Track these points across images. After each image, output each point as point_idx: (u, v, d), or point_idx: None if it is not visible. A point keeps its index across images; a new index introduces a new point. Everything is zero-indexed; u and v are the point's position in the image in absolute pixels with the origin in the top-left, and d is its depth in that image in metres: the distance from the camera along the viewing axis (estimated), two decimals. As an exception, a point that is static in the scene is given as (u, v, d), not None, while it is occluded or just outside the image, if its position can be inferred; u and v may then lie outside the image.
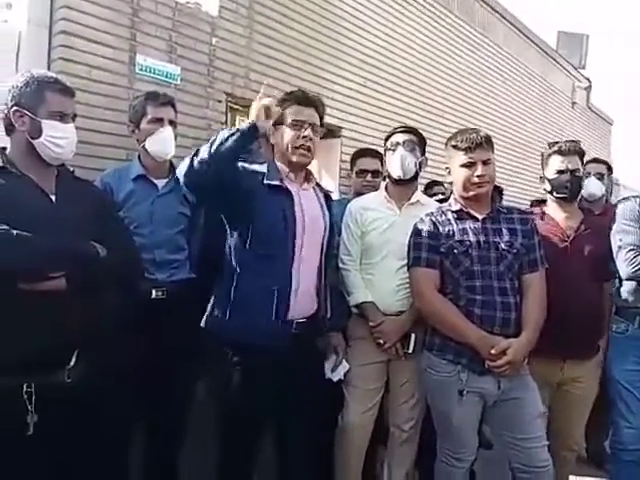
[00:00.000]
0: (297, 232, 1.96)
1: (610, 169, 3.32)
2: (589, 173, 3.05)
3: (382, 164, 2.82)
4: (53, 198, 1.68)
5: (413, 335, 2.30)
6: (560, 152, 2.40)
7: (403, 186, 2.42)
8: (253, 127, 1.79)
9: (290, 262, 1.94)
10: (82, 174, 1.92)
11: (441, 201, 2.57)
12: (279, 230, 1.93)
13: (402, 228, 2.30)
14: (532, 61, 6.42)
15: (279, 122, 2.02)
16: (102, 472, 1.76)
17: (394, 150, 2.39)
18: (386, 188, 2.48)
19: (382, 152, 2.59)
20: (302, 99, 2.04)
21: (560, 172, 2.39)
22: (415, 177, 2.43)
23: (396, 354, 2.32)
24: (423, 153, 2.46)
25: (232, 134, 1.77)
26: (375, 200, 2.46)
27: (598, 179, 3.11)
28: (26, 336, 1.53)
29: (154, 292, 2.19)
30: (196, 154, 1.79)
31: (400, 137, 2.41)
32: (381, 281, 2.35)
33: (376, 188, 2.78)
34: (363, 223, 2.39)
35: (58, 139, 1.65)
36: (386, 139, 2.48)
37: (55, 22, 2.38)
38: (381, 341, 2.30)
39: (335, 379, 2.25)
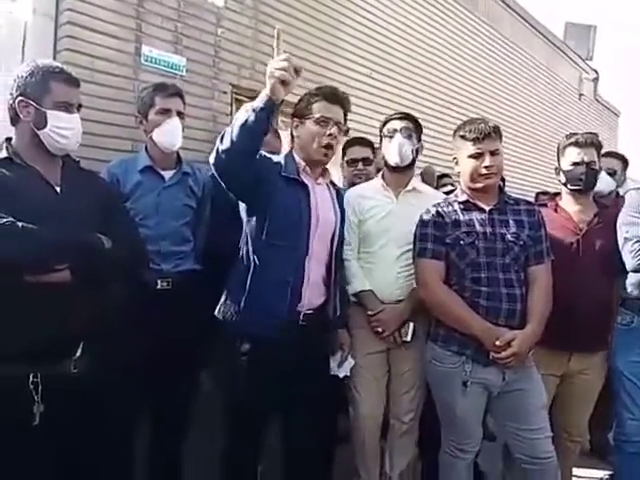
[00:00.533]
0: (311, 225, 1.98)
1: (626, 163, 3.21)
2: (600, 168, 2.98)
3: (373, 152, 2.79)
4: (58, 189, 1.68)
5: (412, 324, 2.31)
6: (577, 144, 2.38)
7: (400, 173, 2.41)
8: (268, 101, 1.71)
9: (304, 255, 1.96)
10: (87, 165, 1.92)
11: (449, 192, 2.56)
12: (294, 222, 1.95)
13: (400, 216, 2.32)
14: (539, 52, 6.37)
15: (305, 116, 2.02)
16: (107, 463, 1.76)
17: (391, 137, 2.38)
18: (382, 176, 2.48)
19: (373, 140, 2.58)
20: (330, 96, 2.03)
21: (576, 164, 2.37)
22: (412, 164, 2.42)
23: (394, 342, 2.32)
24: (419, 140, 2.44)
25: (250, 112, 1.72)
26: (372, 188, 2.45)
27: (609, 174, 3.01)
28: (32, 327, 1.54)
29: (159, 282, 2.20)
30: (221, 138, 1.78)
31: (397, 124, 2.40)
32: (381, 270, 2.35)
33: (368, 176, 2.77)
34: (360, 212, 2.38)
35: (63, 130, 1.64)
36: (382, 125, 2.46)
37: (61, 13, 2.37)
38: (379, 329, 2.31)
39: (341, 375, 2.25)
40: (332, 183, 2.21)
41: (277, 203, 1.94)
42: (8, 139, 1.69)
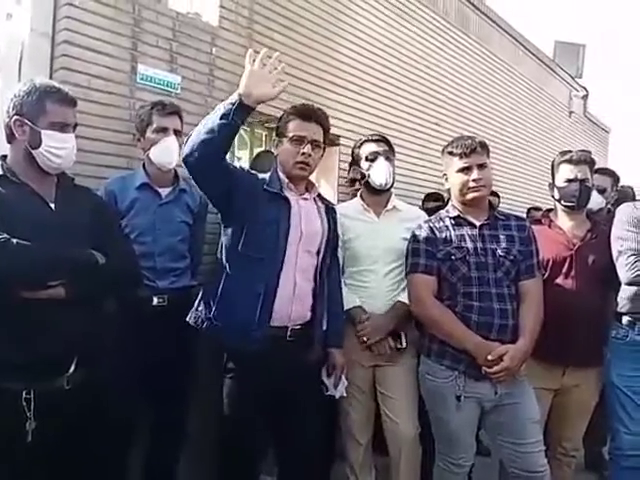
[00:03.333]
0: (291, 239, 1.98)
1: (616, 179, 3.20)
2: (593, 185, 2.93)
3: None
4: (53, 206, 1.69)
5: (403, 333, 2.34)
6: (570, 161, 2.42)
7: (381, 195, 2.46)
8: (238, 102, 1.78)
9: (279, 268, 1.95)
10: (83, 182, 1.92)
11: (437, 209, 2.59)
12: (271, 235, 1.96)
13: (383, 234, 2.38)
14: (529, 70, 6.45)
15: (283, 134, 2.06)
16: (101, 479, 1.76)
17: (374, 160, 2.42)
18: (362, 197, 2.51)
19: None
20: (305, 113, 2.06)
21: (569, 181, 2.40)
22: (392, 184, 2.47)
23: (390, 350, 2.33)
24: (393, 159, 2.50)
25: (220, 113, 1.78)
26: (353, 209, 2.49)
27: (599, 192, 2.96)
28: (25, 343, 1.54)
29: (155, 299, 2.21)
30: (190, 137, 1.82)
31: (377, 147, 2.46)
32: (372, 287, 2.38)
33: None
34: (344, 232, 2.40)
35: (57, 149, 1.65)
36: (358, 147, 2.51)
37: (57, 32, 2.39)
38: (364, 338, 2.32)
39: (337, 396, 2.25)
40: (321, 197, 2.23)
41: (257, 216, 1.96)
42: (3, 157, 1.70)
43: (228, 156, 3.27)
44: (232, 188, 1.94)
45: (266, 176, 2.06)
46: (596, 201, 2.86)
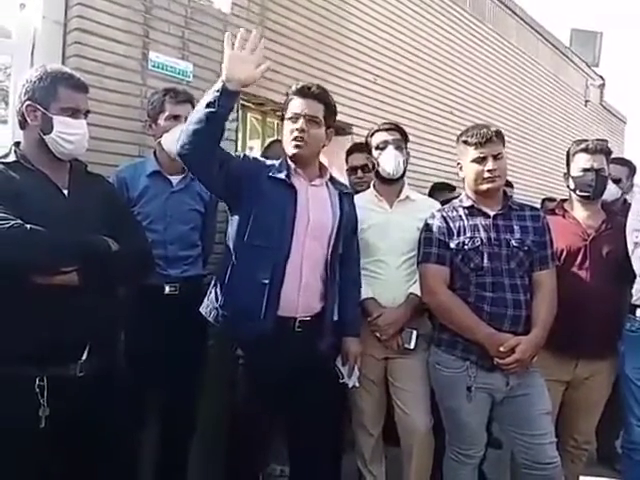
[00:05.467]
0: (297, 228, 1.94)
1: (632, 169, 3.15)
2: (609, 174, 2.88)
3: None
4: (66, 192, 1.69)
5: (414, 332, 2.30)
6: (586, 150, 2.39)
7: (392, 184, 2.43)
8: (222, 88, 1.73)
9: (285, 257, 1.92)
10: (94, 170, 1.92)
11: (444, 202, 2.56)
12: (277, 223, 1.92)
13: (396, 224, 2.35)
14: (545, 59, 6.36)
15: (284, 117, 2.03)
16: (113, 466, 1.76)
17: (384, 149, 2.39)
18: (374, 187, 2.49)
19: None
20: (303, 91, 2.00)
21: (585, 170, 2.38)
22: (403, 174, 2.44)
23: (397, 348, 2.31)
24: (407, 149, 2.47)
25: (206, 101, 1.74)
26: (366, 199, 2.45)
27: (614, 181, 2.90)
28: (38, 330, 1.54)
29: (167, 288, 2.21)
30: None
31: (387, 135, 2.42)
32: (385, 278, 2.35)
33: (369, 184, 2.79)
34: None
35: (69, 135, 1.64)
36: (370, 136, 2.47)
37: (69, 19, 2.39)
38: (378, 334, 2.30)
39: (350, 384, 2.24)
40: (335, 183, 2.16)
41: (262, 204, 1.93)
42: (17, 143, 1.70)
43: (239, 145, 3.30)
44: (233, 177, 1.90)
45: (275, 162, 2.02)
46: (611, 191, 2.81)
